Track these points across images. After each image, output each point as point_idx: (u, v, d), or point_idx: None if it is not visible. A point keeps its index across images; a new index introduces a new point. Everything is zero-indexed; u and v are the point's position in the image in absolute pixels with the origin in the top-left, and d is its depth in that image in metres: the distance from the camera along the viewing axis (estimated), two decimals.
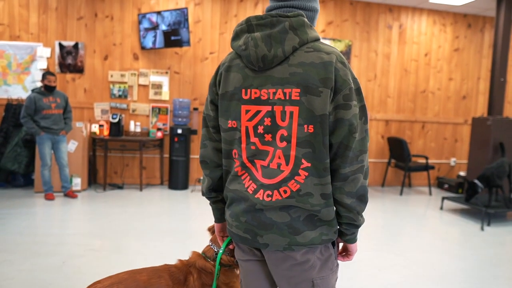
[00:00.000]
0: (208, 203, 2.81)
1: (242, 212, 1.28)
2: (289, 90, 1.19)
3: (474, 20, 6.80)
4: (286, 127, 1.20)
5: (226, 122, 1.29)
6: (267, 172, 1.23)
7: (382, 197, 5.91)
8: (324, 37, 6.19)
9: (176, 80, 5.77)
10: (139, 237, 3.68)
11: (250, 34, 1.23)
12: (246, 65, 1.25)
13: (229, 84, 1.27)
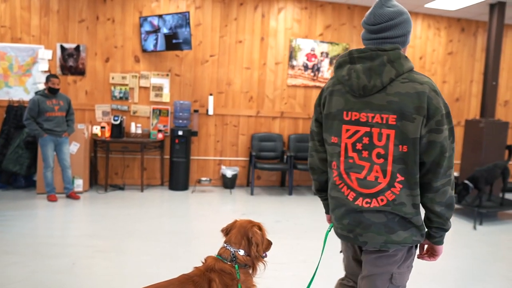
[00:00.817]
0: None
1: (343, 215, 1.51)
2: (387, 116, 1.40)
3: (467, 24, 6.97)
4: (383, 146, 1.42)
5: (330, 137, 1.55)
6: (363, 183, 1.46)
7: None
8: (322, 40, 6.31)
9: (177, 82, 5.84)
10: (144, 238, 3.76)
11: (352, 65, 1.45)
12: (347, 91, 1.48)
13: (332, 106, 1.53)
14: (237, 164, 6.21)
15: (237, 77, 6.06)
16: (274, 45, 6.15)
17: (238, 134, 6.18)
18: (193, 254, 3.43)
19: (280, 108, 6.29)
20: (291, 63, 6.24)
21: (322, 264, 2.21)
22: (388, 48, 1.41)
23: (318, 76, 6.36)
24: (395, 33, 1.46)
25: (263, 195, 5.76)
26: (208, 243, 3.71)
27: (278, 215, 4.76)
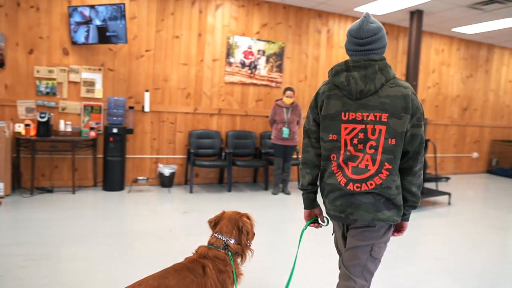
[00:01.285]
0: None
1: (337, 198, 1.79)
2: (380, 114, 1.71)
3: (390, 29, 7.54)
4: (375, 139, 1.72)
5: (328, 136, 1.81)
6: (356, 170, 1.74)
7: None
8: (259, 38, 6.41)
9: (110, 77, 5.55)
10: (82, 242, 3.55)
11: (349, 73, 1.73)
12: (344, 95, 1.76)
13: (331, 108, 1.79)
14: (174, 162, 6.09)
15: (174, 73, 5.92)
16: (211, 42, 6.11)
17: (175, 132, 6.05)
18: (137, 256, 3.32)
19: (218, 105, 6.28)
20: (229, 60, 6.25)
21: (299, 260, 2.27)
22: (377, 58, 1.73)
23: (255, 73, 6.46)
24: (378, 45, 1.77)
25: (203, 193, 5.72)
26: (152, 243, 3.61)
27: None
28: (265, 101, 6.61)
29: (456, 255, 3.78)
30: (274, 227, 4.36)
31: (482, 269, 3.50)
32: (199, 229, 4.07)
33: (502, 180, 8.53)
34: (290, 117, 5.81)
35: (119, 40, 5.17)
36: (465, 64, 8.61)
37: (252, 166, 6.17)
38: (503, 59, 9.22)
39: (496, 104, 9.30)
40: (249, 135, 6.47)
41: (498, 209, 5.79)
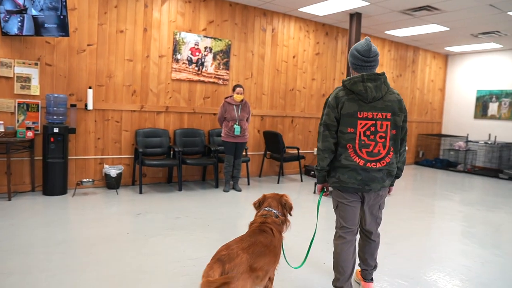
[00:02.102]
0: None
1: (358, 174, 2.47)
2: (385, 114, 2.44)
3: (330, 29, 7.89)
4: (384, 131, 2.44)
5: (346, 129, 2.46)
6: (371, 154, 2.45)
7: (263, 186, 6.44)
8: (206, 35, 6.35)
9: (48, 73, 5.15)
10: (29, 253, 3.27)
11: (365, 83, 2.39)
12: (359, 99, 2.42)
13: (349, 108, 2.44)
14: (121, 162, 5.83)
15: (118, 70, 5.65)
16: (157, 37, 5.93)
17: (121, 130, 5.79)
18: (98, 262, 3.15)
19: (165, 103, 6.12)
20: (176, 57, 6.12)
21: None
22: (381, 73, 2.45)
23: (203, 70, 6.40)
24: (377, 63, 2.51)
25: (153, 193, 5.55)
26: (111, 248, 3.44)
27: (175, 212, 4.67)
28: (212, 98, 6.57)
29: (400, 240, 4.11)
30: (231, 225, 4.38)
31: (422, 251, 3.85)
32: (158, 230, 3.97)
33: (427, 170, 9.38)
34: (241, 114, 5.85)
35: (60, 33, 4.82)
36: (395, 64, 9.31)
37: (202, 164, 6.11)
38: (426, 61, 10.11)
39: (421, 101, 10.19)
40: (198, 132, 6.40)
41: (428, 197, 6.37)
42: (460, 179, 8.39)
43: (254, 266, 2.09)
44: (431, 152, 10.44)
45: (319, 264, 3.36)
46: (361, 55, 2.43)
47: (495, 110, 9.66)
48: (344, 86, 2.48)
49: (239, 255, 2.04)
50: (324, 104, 2.58)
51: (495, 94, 9.66)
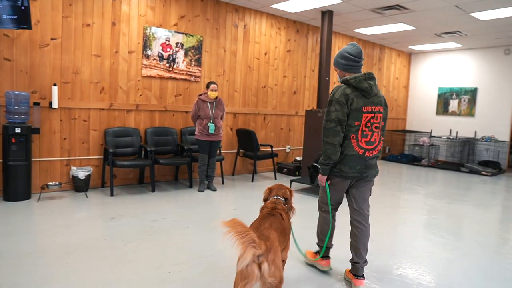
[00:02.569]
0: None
1: (357, 163, 2.78)
2: (380, 107, 2.81)
3: (301, 26, 7.90)
4: (378, 122, 2.80)
5: (354, 122, 2.74)
6: (369, 143, 2.78)
7: (238, 185, 6.35)
8: (177, 30, 6.14)
9: (7, 68, 4.77)
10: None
11: (368, 81, 2.73)
12: (362, 95, 2.73)
13: (357, 104, 2.72)
14: (89, 164, 5.53)
15: (85, 65, 5.35)
16: (127, 32, 5.67)
17: (89, 130, 5.49)
18: (74, 273, 2.94)
19: (135, 100, 5.87)
20: (146, 53, 5.88)
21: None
22: (372, 73, 2.82)
23: (174, 67, 6.19)
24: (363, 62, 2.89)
25: (125, 195, 5.31)
26: (88, 256, 3.23)
27: (151, 215, 4.49)
28: (184, 96, 6.39)
29: (378, 235, 4.17)
30: (211, 226, 4.26)
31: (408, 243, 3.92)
32: (135, 235, 3.78)
33: (394, 165, 9.66)
34: (215, 112, 5.72)
35: (21, 25, 4.47)
36: (363, 62, 9.47)
37: (176, 163, 5.92)
38: (392, 59, 10.39)
39: (387, 99, 10.46)
40: (170, 131, 6.19)
41: (397, 191, 6.54)
42: (425, 173, 8.70)
43: (279, 242, 2.39)
44: (396, 148, 10.77)
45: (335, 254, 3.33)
46: (354, 57, 2.79)
47: (456, 106, 10.10)
48: (349, 84, 2.75)
49: (270, 233, 2.29)
50: (330, 102, 2.75)
51: (455, 91, 10.10)
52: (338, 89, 2.75)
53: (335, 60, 2.88)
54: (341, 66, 2.81)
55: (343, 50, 2.80)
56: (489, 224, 4.83)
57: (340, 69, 2.84)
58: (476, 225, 4.79)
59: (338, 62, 2.83)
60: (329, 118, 2.71)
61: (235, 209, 4.98)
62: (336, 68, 2.89)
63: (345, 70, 2.80)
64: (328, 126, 2.71)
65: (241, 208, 5.04)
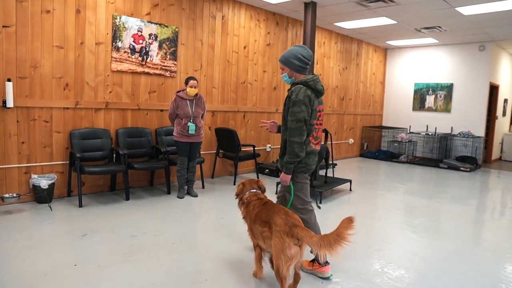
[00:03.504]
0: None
1: (315, 157, 2.98)
2: (323, 106, 3.01)
3: (281, 19, 7.49)
4: (322, 119, 3.02)
5: (313, 121, 2.90)
6: (316, 138, 2.99)
7: (219, 189, 5.87)
8: (150, 20, 5.56)
9: None
10: None
11: (320, 83, 2.91)
12: (316, 96, 2.90)
13: (316, 104, 2.89)
14: (52, 170, 4.87)
15: (46, 58, 4.68)
16: (93, 21, 5.03)
17: (51, 132, 4.83)
18: None
19: (104, 98, 5.25)
20: (116, 45, 5.26)
21: None
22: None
23: (147, 61, 5.61)
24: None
25: (95, 205, 4.70)
26: (61, 286, 2.67)
27: (129, 229, 3.93)
28: (159, 92, 5.82)
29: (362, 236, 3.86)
30: (201, 240, 3.78)
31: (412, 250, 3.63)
32: (113, 256, 3.23)
33: (373, 162, 9.49)
34: (195, 111, 5.21)
35: None
36: (341, 57, 9.23)
37: (152, 168, 5.34)
38: (369, 54, 10.22)
39: (365, 94, 10.29)
40: (144, 132, 5.61)
41: (381, 190, 6.31)
42: (405, 169, 8.58)
43: None
44: (373, 144, 10.64)
45: None
46: (307, 60, 2.90)
47: (432, 102, 10.08)
48: (308, 86, 2.85)
49: (296, 217, 2.56)
50: (294, 102, 2.80)
51: (432, 87, 10.07)
52: (299, 90, 2.82)
53: (286, 59, 2.93)
54: (294, 66, 2.91)
55: (296, 52, 2.91)
56: (481, 221, 4.65)
57: (292, 69, 2.93)
58: (468, 223, 4.59)
59: (291, 62, 2.91)
60: (296, 118, 2.80)
61: (221, 218, 4.50)
62: (286, 66, 2.95)
63: (297, 71, 2.93)
64: (295, 126, 2.80)
65: (227, 216, 4.57)
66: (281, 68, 3.00)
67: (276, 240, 2.39)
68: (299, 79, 2.89)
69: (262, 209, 2.68)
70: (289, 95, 2.88)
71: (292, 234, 2.36)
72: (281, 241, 2.36)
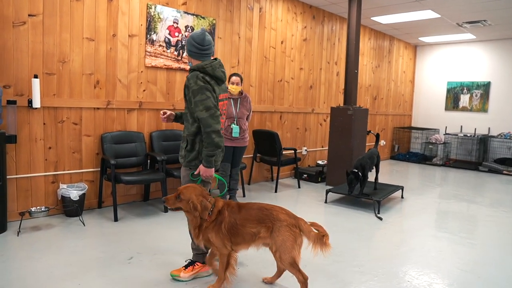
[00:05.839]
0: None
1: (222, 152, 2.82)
2: (226, 94, 2.86)
3: (317, 12, 6.93)
4: (225, 109, 2.89)
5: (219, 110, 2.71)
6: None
7: (259, 197, 5.29)
8: (186, 11, 4.99)
9: None
10: None
11: (220, 68, 2.70)
12: (217, 83, 2.68)
13: (217, 92, 2.67)
14: (82, 179, 4.29)
15: (75, 52, 4.11)
16: (127, 11, 4.46)
17: (80, 136, 4.25)
18: None
19: (138, 97, 4.68)
20: (150, 37, 4.69)
21: None
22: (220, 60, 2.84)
23: (183, 56, 5.04)
24: (213, 52, 2.75)
25: (132, 218, 4.13)
26: None
27: (181, 248, 3.35)
28: None
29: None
30: (270, 259, 3.21)
31: None
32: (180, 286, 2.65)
33: (405, 165, 8.93)
34: (240, 111, 4.65)
35: None
36: (374, 54, 8.68)
37: None
38: (400, 51, 9.67)
39: (396, 93, 9.74)
40: (179, 135, 5.04)
41: (442, 198, 5.75)
42: (444, 173, 8.02)
43: None
44: (403, 146, 10.09)
45: None
46: (199, 44, 2.63)
47: (467, 101, 9.53)
48: (205, 72, 2.59)
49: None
50: (195, 91, 2.53)
51: (466, 86, 9.52)
52: (196, 77, 2.55)
53: (187, 44, 2.73)
54: (189, 52, 2.70)
55: (190, 37, 2.69)
56: None
57: (188, 55, 2.72)
58: None
59: (187, 48, 2.71)
60: (205, 106, 2.53)
61: None
62: (187, 52, 2.75)
63: (193, 56, 2.69)
64: (206, 115, 2.53)
65: None
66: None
67: (286, 234, 2.40)
68: (195, 65, 2.64)
69: (247, 211, 2.51)
70: (186, 84, 2.61)
71: (298, 225, 2.45)
72: (292, 233, 2.41)
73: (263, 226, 2.44)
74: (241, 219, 2.49)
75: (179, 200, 2.46)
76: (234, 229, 2.48)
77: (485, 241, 3.94)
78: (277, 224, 2.42)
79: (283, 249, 2.41)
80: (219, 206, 2.52)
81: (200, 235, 2.49)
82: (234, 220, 2.49)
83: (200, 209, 2.42)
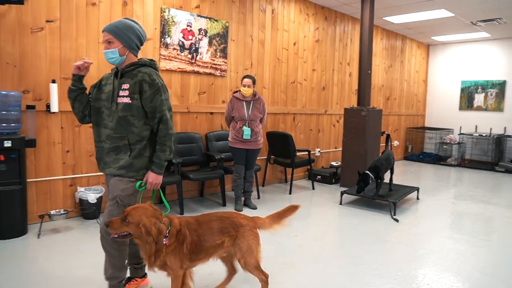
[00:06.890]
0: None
1: None
2: None
3: (329, 13, 6.91)
4: None
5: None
6: None
7: (274, 199, 5.29)
8: (199, 14, 5.02)
9: None
10: None
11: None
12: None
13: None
14: (99, 182, 4.34)
15: (92, 56, 4.16)
16: (141, 15, 4.50)
17: None
18: None
19: None
20: (164, 41, 4.73)
21: None
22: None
23: (197, 59, 5.07)
24: None
25: None
26: None
27: None
28: (208, 93, 5.27)
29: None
30: (289, 260, 3.20)
31: None
32: None
33: (419, 165, 8.83)
34: (252, 113, 4.65)
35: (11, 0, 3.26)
36: (386, 54, 8.62)
37: (209, 178, 4.77)
38: (412, 51, 9.59)
39: (409, 93, 9.66)
40: (194, 137, 5.07)
41: (458, 199, 5.67)
42: (460, 173, 7.92)
43: None
44: (416, 146, 9.99)
45: None
46: (143, 39, 2.36)
47: (481, 101, 9.40)
48: (156, 69, 2.36)
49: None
50: (159, 88, 2.25)
51: (481, 85, 9.40)
52: (156, 74, 2.29)
53: (121, 31, 2.23)
54: (129, 43, 2.26)
55: (132, 26, 2.28)
56: None
57: (125, 46, 2.25)
58: None
59: (128, 36, 2.25)
60: (169, 107, 2.31)
61: (296, 235, 3.92)
62: (118, 40, 2.22)
63: (133, 49, 2.30)
64: (169, 116, 2.30)
65: (300, 231, 3.99)
66: (108, 41, 2.23)
67: (250, 238, 2.36)
68: (143, 60, 2.31)
69: (208, 224, 2.32)
70: (145, 79, 2.21)
71: (256, 226, 2.43)
72: (255, 236, 2.40)
73: (227, 236, 2.32)
74: (203, 235, 2.26)
75: (126, 223, 2.04)
76: (197, 246, 2.24)
77: (505, 242, 3.88)
78: (241, 230, 2.35)
79: (248, 253, 2.35)
80: (176, 225, 2.17)
81: (156, 262, 2.13)
82: (197, 237, 2.24)
83: (154, 233, 2.04)
